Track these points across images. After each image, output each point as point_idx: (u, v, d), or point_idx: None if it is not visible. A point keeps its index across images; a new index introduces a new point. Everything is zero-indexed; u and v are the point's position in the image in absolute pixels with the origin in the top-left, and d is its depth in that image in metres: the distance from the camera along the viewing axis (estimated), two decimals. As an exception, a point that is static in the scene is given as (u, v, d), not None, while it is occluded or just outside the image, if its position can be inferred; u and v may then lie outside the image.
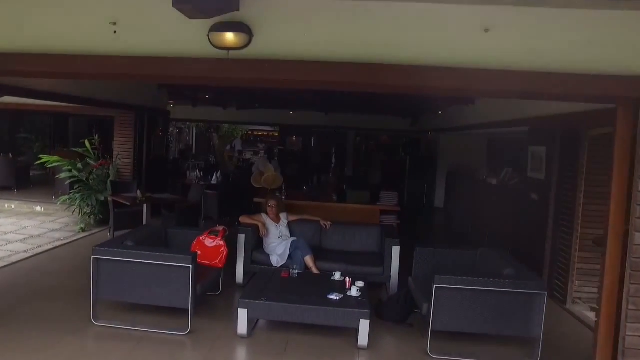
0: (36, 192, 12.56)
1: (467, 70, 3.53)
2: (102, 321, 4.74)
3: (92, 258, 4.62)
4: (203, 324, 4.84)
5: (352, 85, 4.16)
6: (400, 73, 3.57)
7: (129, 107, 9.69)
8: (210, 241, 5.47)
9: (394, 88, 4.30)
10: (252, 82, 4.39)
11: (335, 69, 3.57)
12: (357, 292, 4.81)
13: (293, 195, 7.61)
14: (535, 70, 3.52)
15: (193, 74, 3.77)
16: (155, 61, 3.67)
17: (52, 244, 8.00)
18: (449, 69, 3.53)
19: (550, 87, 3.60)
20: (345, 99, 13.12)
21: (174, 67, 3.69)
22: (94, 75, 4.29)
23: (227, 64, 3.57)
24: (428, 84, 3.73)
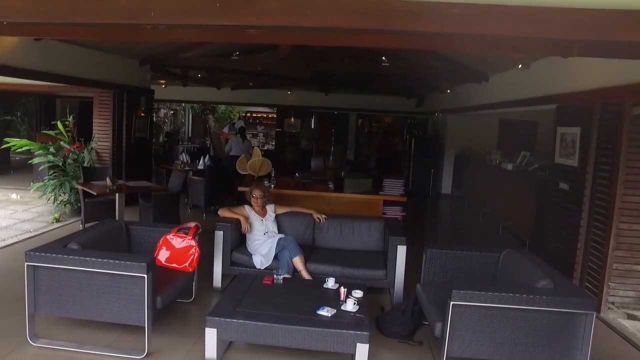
0: (16, 178, 11.79)
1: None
2: (42, 341, 3.88)
3: (25, 265, 3.74)
4: (166, 342, 3.99)
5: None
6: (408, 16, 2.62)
7: (106, 85, 8.77)
8: (179, 240, 4.57)
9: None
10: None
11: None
12: (354, 305, 3.91)
13: (283, 183, 6.67)
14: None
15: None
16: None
17: (18, 236, 7.15)
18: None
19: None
20: (345, 78, 12.20)
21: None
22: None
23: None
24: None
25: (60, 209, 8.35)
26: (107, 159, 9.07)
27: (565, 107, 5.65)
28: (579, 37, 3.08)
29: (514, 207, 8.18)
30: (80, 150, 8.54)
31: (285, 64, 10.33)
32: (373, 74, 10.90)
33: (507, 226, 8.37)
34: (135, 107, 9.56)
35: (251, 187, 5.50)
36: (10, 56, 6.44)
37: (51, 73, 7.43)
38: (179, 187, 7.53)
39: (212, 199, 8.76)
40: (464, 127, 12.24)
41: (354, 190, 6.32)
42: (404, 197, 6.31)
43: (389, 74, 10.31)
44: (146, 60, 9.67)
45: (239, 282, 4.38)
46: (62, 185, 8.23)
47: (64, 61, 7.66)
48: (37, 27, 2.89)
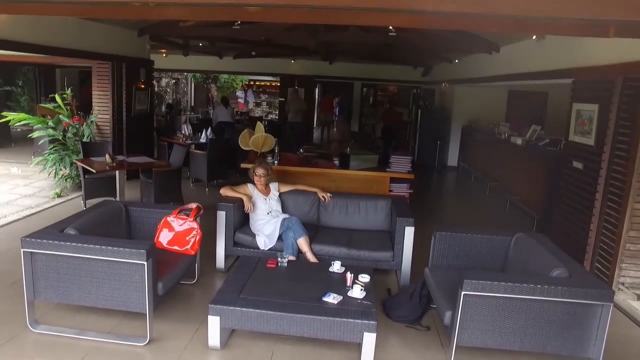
0: (16, 152, 11.64)
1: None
2: (42, 327, 3.81)
3: (21, 252, 3.62)
4: (169, 329, 3.91)
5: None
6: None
7: (104, 57, 8.50)
8: (180, 222, 4.44)
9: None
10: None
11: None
12: (361, 291, 3.79)
13: (287, 159, 6.49)
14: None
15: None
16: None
17: (19, 213, 7.05)
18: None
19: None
20: (350, 47, 11.83)
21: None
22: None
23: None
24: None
25: (62, 183, 8.25)
26: (107, 132, 8.90)
27: (583, 82, 5.39)
28: (616, 17, 2.82)
29: (522, 183, 8.00)
30: (79, 124, 8.36)
31: (289, 33, 9.99)
32: (379, 44, 10.54)
33: (514, 202, 8.21)
34: (134, 79, 9.30)
35: (254, 165, 5.33)
36: (4, 29, 6.19)
37: (46, 46, 7.19)
38: (180, 162, 7.36)
39: (214, 173, 8.61)
40: (471, 98, 11.94)
41: (360, 167, 6.13)
42: (411, 174, 6.12)
43: (395, 44, 9.95)
44: (145, 30, 9.36)
45: (242, 265, 4.27)
46: (62, 159, 8.11)
47: (59, 33, 7.40)
48: (27, 4, 2.67)
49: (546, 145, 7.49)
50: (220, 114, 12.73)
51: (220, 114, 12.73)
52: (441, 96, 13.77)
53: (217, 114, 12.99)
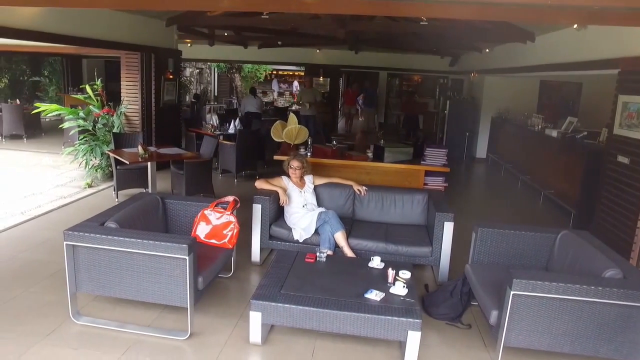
0: (47, 142, 11.84)
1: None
2: (84, 319, 3.84)
3: (64, 245, 3.64)
4: (208, 323, 3.90)
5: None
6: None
7: (133, 47, 8.51)
8: (218, 215, 4.41)
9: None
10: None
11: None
12: (404, 287, 3.72)
13: (320, 151, 6.41)
14: None
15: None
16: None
17: (53, 202, 7.15)
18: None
19: None
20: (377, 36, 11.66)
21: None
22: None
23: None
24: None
25: (92, 173, 8.33)
26: (136, 123, 8.94)
27: (630, 72, 5.18)
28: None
29: (557, 176, 7.80)
30: (109, 115, 8.41)
31: (316, 23, 9.87)
32: (407, 33, 10.35)
33: (548, 196, 8.01)
34: (163, 69, 9.31)
35: (289, 157, 5.27)
36: (33, 20, 6.21)
37: (76, 37, 7.21)
38: (211, 153, 7.35)
39: (243, 164, 8.60)
40: (502, 88, 11.67)
41: (395, 159, 6.03)
42: (447, 167, 6.00)
43: (424, 33, 9.75)
44: (173, 21, 9.35)
45: (280, 259, 4.23)
46: (92, 150, 8.18)
47: (88, 24, 7.42)
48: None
49: (584, 138, 7.26)
50: (248, 104, 12.67)
51: (248, 104, 12.67)
52: (470, 86, 13.51)
53: (245, 104, 12.93)
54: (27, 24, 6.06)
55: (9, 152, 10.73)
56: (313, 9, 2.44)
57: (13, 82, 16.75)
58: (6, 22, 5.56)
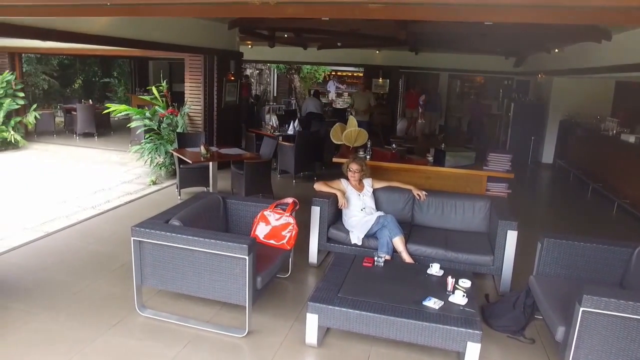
0: (116, 140, 12.42)
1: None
2: (148, 311, 3.99)
3: (131, 240, 3.80)
4: (265, 322, 3.95)
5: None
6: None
7: (197, 50, 8.78)
8: (277, 217, 4.46)
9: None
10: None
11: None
12: (463, 297, 3.61)
13: (379, 154, 6.34)
14: None
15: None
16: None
17: (120, 198, 7.51)
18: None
19: None
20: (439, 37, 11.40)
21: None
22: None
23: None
24: None
25: (157, 171, 8.68)
26: (199, 123, 9.21)
27: None
28: None
29: (634, 185, 7.31)
30: (173, 115, 8.72)
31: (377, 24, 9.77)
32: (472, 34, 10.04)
33: (623, 206, 7.52)
34: (225, 71, 9.55)
35: (348, 160, 5.25)
36: (106, 27, 6.54)
37: (144, 41, 7.52)
38: (271, 154, 7.47)
39: (302, 165, 8.66)
40: (572, 90, 11.09)
41: (456, 164, 5.87)
42: (511, 173, 5.77)
43: (490, 34, 9.42)
44: (235, 23, 9.56)
45: (338, 262, 4.22)
46: (157, 148, 8.51)
47: (155, 28, 7.72)
48: (137, 7, 2.74)
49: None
50: (310, 105, 12.82)
51: (310, 105, 12.82)
52: (536, 88, 12.95)
53: (307, 105, 13.07)
54: (101, 30, 6.41)
55: (81, 149, 11.37)
56: (376, 15, 2.40)
57: (86, 83, 17.78)
58: (83, 29, 5.93)
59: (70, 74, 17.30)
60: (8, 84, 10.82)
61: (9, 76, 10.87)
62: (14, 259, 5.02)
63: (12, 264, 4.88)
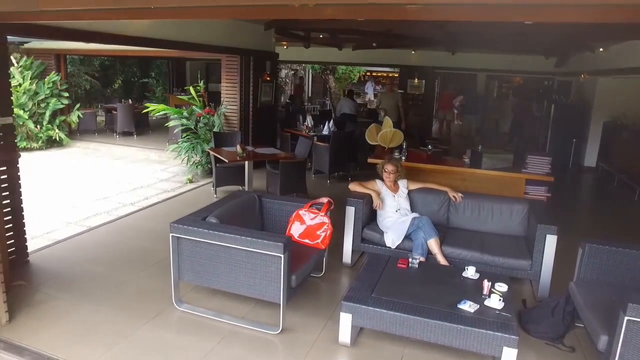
0: (154, 139, 12.71)
1: None
2: (185, 306, 4.09)
3: (170, 236, 3.90)
4: (299, 320, 3.98)
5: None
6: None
7: (234, 51, 8.91)
8: (312, 216, 4.49)
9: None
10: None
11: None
12: (499, 301, 3.55)
13: (414, 156, 6.29)
14: None
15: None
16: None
17: (159, 195, 7.72)
18: None
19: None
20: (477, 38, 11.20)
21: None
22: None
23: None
24: None
25: (193, 170, 8.85)
26: (235, 123, 9.33)
27: None
28: None
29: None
30: (210, 115, 8.88)
31: (413, 24, 9.69)
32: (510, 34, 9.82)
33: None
34: (261, 71, 9.65)
35: (383, 161, 5.23)
36: (146, 28, 6.69)
37: (182, 42, 7.64)
38: (305, 154, 7.51)
39: (336, 165, 8.67)
40: (617, 91, 10.66)
41: (493, 166, 5.77)
42: (551, 176, 5.63)
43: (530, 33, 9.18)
44: (271, 24, 9.64)
45: (371, 263, 4.21)
46: (194, 147, 8.68)
47: (192, 29, 7.83)
48: (178, 10, 2.81)
49: None
50: (345, 106, 12.68)
51: (345, 106, 12.68)
52: (578, 89, 12.55)
53: (341, 105, 12.93)
54: (141, 31, 6.57)
55: (121, 147, 11.71)
56: (413, 16, 2.38)
57: (125, 84, 18.30)
58: (124, 31, 6.11)
59: (111, 74, 17.83)
60: (54, 84, 11.27)
61: (55, 77, 11.31)
62: (59, 252, 5.23)
63: (57, 257, 5.09)
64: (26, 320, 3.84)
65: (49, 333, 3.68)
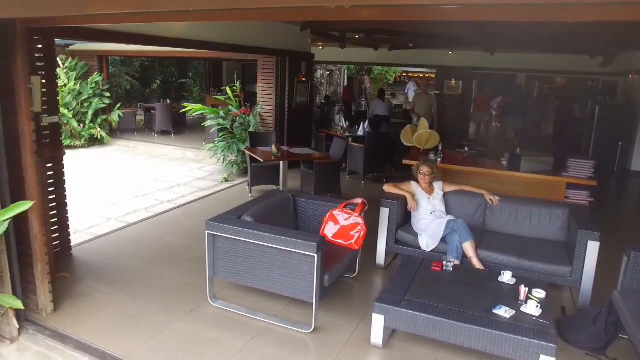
0: (191, 138, 12.97)
1: None
2: (219, 302, 4.17)
3: (206, 234, 3.97)
4: (331, 320, 3.99)
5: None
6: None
7: (270, 52, 8.99)
8: (346, 217, 4.49)
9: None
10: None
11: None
12: (537, 308, 3.45)
13: (450, 157, 6.20)
14: None
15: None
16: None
17: (195, 194, 7.87)
18: None
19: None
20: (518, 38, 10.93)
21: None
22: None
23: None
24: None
25: (229, 169, 8.98)
26: (270, 123, 9.42)
27: None
28: None
29: None
30: (246, 115, 8.99)
31: (450, 24, 9.54)
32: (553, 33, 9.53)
33: None
34: (296, 72, 9.71)
35: (419, 162, 5.18)
36: (184, 30, 6.84)
37: (219, 43, 7.75)
38: (340, 155, 7.52)
39: (371, 167, 8.64)
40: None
41: (532, 169, 5.62)
42: (593, 180, 5.44)
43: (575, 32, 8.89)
44: (307, 25, 9.67)
45: (405, 265, 4.18)
46: (230, 147, 8.81)
47: (229, 31, 7.93)
48: (216, 13, 2.86)
49: None
50: (376, 107, 12.39)
51: (376, 107, 12.39)
52: (626, 89, 12.06)
53: (373, 107, 12.67)
54: (179, 33, 6.73)
55: (159, 146, 12.00)
56: (450, 17, 2.33)
57: (164, 84, 18.76)
58: (164, 33, 6.28)
59: (150, 74, 18.30)
60: (96, 84, 11.67)
61: (98, 77, 11.72)
62: (100, 246, 5.41)
63: (98, 251, 5.27)
64: (69, 310, 4.00)
65: (89, 323, 3.82)
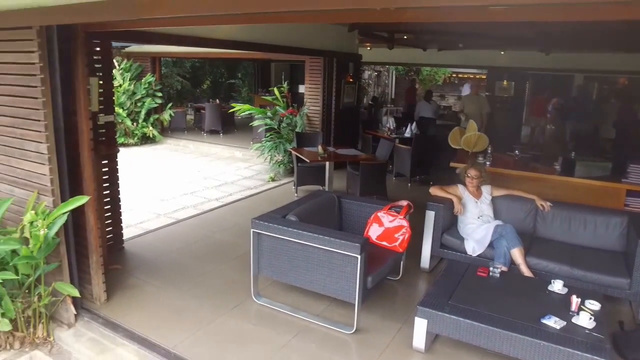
0: (239, 137, 13.23)
1: None
2: (263, 299, 4.23)
3: (251, 232, 4.04)
4: (373, 322, 3.97)
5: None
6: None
7: (317, 53, 9.04)
8: (390, 218, 4.45)
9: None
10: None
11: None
12: (590, 320, 3.30)
13: (500, 161, 6.03)
14: None
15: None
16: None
17: (242, 192, 8.02)
18: None
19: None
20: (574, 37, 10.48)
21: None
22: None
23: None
24: None
25: (275, 168, 9.10)
26: (316, 123, 9.46)
27: None
28: None
29: None
30: (293, 115, 9.08)
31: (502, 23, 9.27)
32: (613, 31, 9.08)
33: None
34: (344, 73, 9.71)
35: (466, 165, 5.06)
36: (234, 32, 6.98)
37: (268, 44, 7.86)
38: (387, 156, 7.46)
39: (418, 169, 8.53)
40: None
41: (587, 174, 5.39)
42: (656, 187, 5.15)
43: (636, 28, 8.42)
44: (355, 26, 9.64)
45: (450, 269, 4.10)
46: (277, 147, 8.93)
47: (277, 32, 8.01)
48: (265, 15, 2.90)
49: None
50: (422, 109, 12.18)
51: (422, 109, 12.18)
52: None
53: (419, 109, 12.43)
54: (229, 35, 6.87)
55: (208, 145, 12.30)
56: (499, 17, 2.26)
57: (213, 84, 19.22)
58: (211, 35, 6.43)
59: (200, 75, 18.79)
60: (149, 85, 12.13)
61: (150, 78, 12.17)
62: (150, 241, 5.61)
63: (148, 245, 5.46)
64: (120, 301, 4.18)
65: (139, 314, 3.98)
